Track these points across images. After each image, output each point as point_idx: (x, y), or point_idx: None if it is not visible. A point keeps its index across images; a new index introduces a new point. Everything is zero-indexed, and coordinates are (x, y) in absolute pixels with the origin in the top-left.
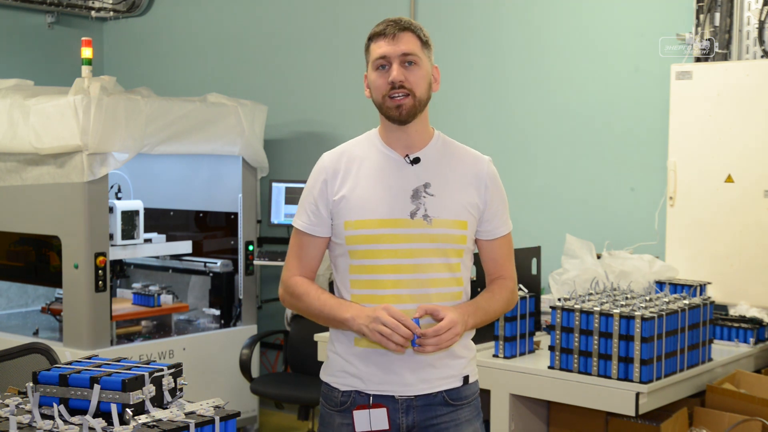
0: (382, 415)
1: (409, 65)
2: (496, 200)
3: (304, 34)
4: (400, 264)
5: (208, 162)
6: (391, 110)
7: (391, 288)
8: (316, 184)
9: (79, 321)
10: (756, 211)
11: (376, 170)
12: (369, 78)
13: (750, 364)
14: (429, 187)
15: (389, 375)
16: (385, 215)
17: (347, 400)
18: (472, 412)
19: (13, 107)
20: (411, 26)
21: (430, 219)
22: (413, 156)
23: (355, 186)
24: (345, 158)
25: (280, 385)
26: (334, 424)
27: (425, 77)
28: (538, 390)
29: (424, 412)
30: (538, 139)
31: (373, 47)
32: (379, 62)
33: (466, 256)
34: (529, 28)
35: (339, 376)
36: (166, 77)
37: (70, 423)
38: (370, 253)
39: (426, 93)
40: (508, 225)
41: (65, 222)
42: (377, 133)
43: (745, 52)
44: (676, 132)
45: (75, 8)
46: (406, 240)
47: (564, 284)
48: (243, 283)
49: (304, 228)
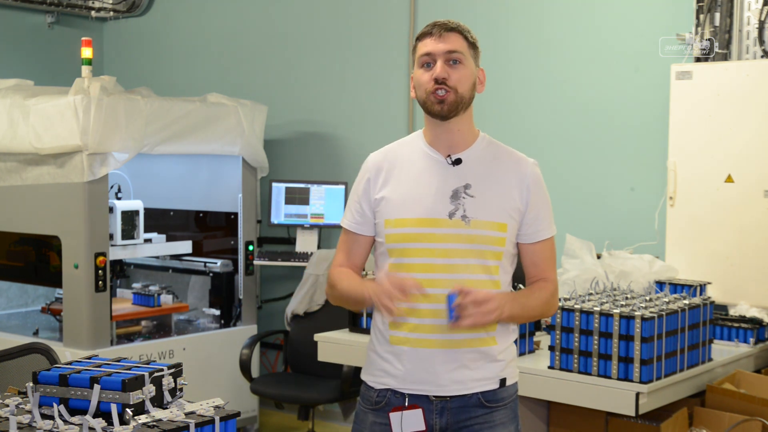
0: (418, 416)
1: (453, 63)
2: (538, 203)
3: (304, 34)
4: (435, 263)
5: (208, 162)
6: (433, 105)
7: (427, 287)
8: (360, 183)
9: (79, 321)
10: (756, 211)
11: (418, 170)
12: (414, 76)
13: (750, 364)
14: (469, 188)
15: (423, 374)
16: (424, 214)
17: (382, 400)
18: (507, 415)
19: (13, 107)
20: (458, 27)
21: (468, 220)
22: (455, 157)
23: (397, 185)
24: (389, 157)
25: (280, 385)
26: (367, 421)
27: (469, 76)
28: (538, 390)
29: (458, 414)
30: (538, 139)
31: (419, 46)
32: (425, 59)
33: (506, 260)
34: (530, 28)
35: (376, 375)
36: (166, 77)
37: (70, 423)
38: (407, 252)
39: (469, 91)
40: (551, 229)
41: (65, 222)
42: (422, 133)
43: (745, 52)
44: (676, 132)
45: (75, 8)
46: (442, 240)
47: (564, 284)
48: (243, 283)
49: (348, 226)
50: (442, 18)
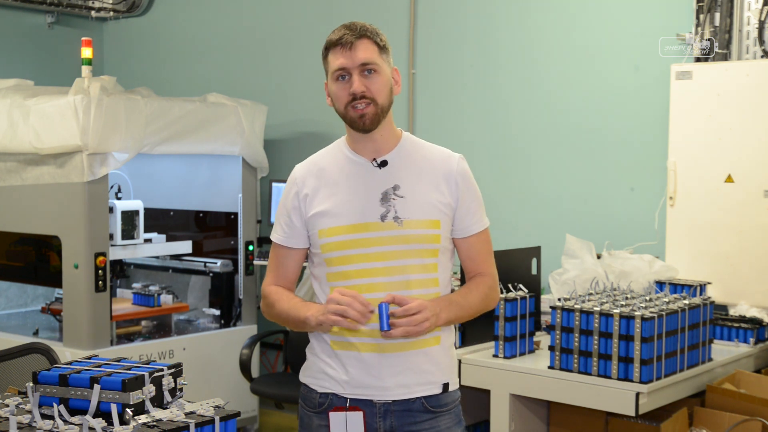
0: (359, 419)
1: (368, 74)
2: (467, 197)
3: (304, 34)
4: (374, 267)
5: (208, 162)
6: (354, 120)
7: (367, 292)
8: (288, 197)
9: (79, 321)
10: (756, 211)
11: (345, 177)
12: (330, 88)
13: (750, 364)
14: (398, 189)
15: (367, 379)
16: (356, 220)
17: (325, 402)
18: (452, 420)
19: (13, 107)
20: (367, 32)
21: (400, 220)
22: (380, 159)
23: (326, 195)
24: (315, 168)
25: (280, 385)
26: (312, 425)
27: (386, 84)
28: (538, 390)
29: (402, 417)
30: (537, 139)
31: (330, 58)
32: (339, 73)
33: (443, 256)
34: (530, 28)
35: (318, 378)
36: (166, 77)
37: (70, 423)
38: (344, 259)
39: (387, 99)
40: (483, 222)
41: (65, 222)
42: (345, 141)
43: (745, 52)
44: (676, 132)
45: (75, 8)
46: (378, 243)
47: (564, 284)
48: (243, 283)
49: (279, 240)
50: (443, 18)
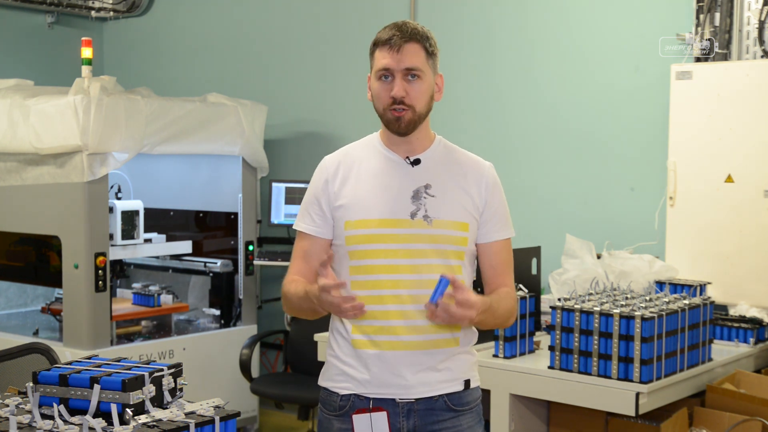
0: (383, 420)
1: (411, 78)
2: (495, 203)
3: (303, 34)
4: (399, 264)
5: (208, 162)
6: (391, 122)
7: (390, 288)
8: (317, 186)
9: (79, 321)
10: (756, 211)
11: (377, 171)
12: (372, 84)
13: (750, 364)
14: (429, 188)
15: (389, 377)
16: (386, 215)
17: (346, 404)
18: (474, 419)
19: (13, 107)
20: (417, 36)
21: (430, 219)
22: (414, 157)
23: (356, 187)
24: (346, 159)
25: (280, 385)
26: (332, 429)
27: (427, 91)
28: (538, 390)
29: (425, 417)
30: (538, 139)
31: (378, 55)
32: (382, 73)
33: (467, 260)
34: (529, 28)
35: (338, 381)
36: (166, 77)
37: (70, 423)
38: (369, 253)
39: (426, 106)
40: (507, 231)
41: (65, 222)
42: (379, 136)
43: (745, 52)
44: (676, 132)
45: (75, 8)
46: (405, 240)
47: (564, 284)
48: (243, 283)
49: (307, 230)
50: (443, 17)
